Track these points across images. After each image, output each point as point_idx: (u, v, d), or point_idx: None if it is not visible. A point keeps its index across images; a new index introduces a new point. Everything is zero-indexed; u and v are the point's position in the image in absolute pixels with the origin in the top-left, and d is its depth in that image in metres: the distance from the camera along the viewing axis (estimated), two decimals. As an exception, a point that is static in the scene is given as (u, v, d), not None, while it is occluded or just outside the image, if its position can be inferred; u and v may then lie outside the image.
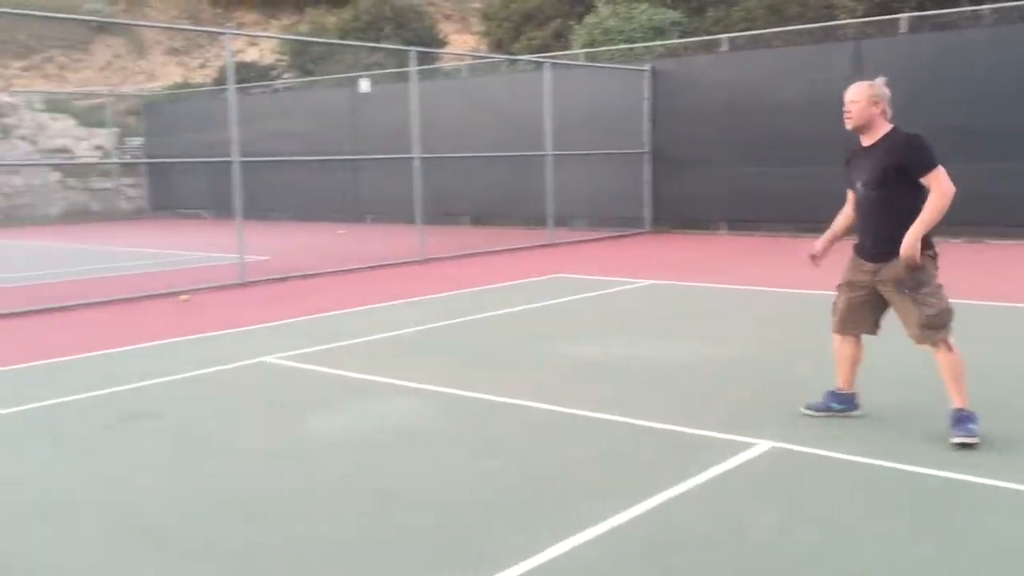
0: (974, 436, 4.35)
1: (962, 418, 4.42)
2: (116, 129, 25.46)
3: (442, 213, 17.05)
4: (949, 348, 4.48)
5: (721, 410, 5.12)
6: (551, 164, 15.14)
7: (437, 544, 3.48)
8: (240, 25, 33.99)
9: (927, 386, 4.99)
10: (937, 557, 3.28)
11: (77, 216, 23.96)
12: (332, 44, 20.41)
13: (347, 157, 18.85)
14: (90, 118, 25.81)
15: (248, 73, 25.81)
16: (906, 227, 4.38)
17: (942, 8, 15.16)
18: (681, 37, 18.54)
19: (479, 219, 18.34)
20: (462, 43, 31.60)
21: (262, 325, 8.21)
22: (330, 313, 8.78)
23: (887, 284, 4.55)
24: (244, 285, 10.73)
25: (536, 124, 15.36)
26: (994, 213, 12.77)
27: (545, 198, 15.16)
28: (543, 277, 10.92)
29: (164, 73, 31.34)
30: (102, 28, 31.32)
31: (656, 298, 9.40)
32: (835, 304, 4.86)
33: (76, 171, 24.53)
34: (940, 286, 4.52)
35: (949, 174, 4.43)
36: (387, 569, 3.28)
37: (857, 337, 4.84)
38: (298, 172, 19.66)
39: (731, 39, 16.38)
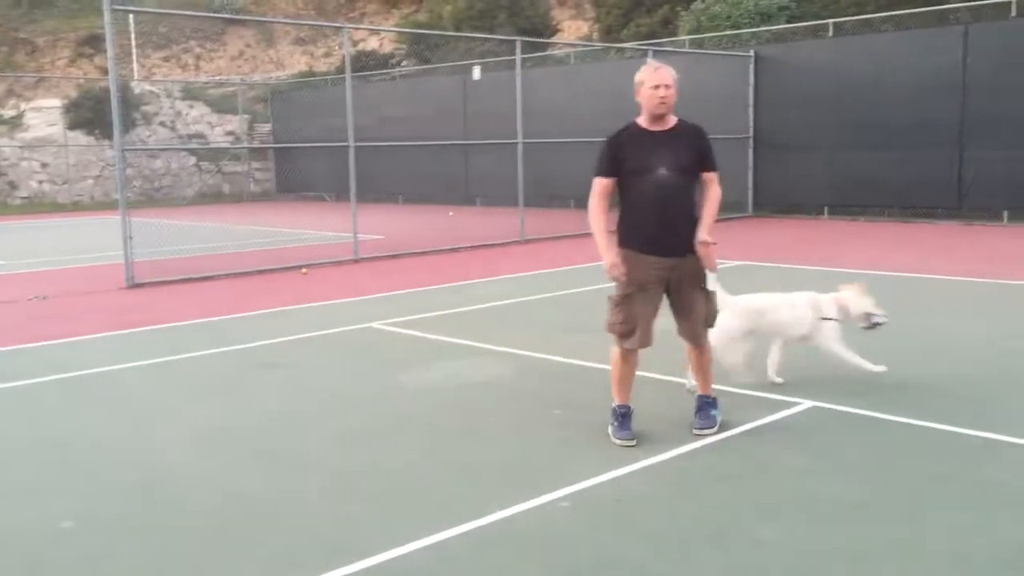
0: (715, 425, 4.52)
1: (707, 404, 4.59)
2: (246, 116, 27.14)
3: (548, 196, 17.68)
4: (708, 344, 4.64)
5: (781, 374, 5.58)
6: (653, 149, 15.53)
7: (512, 468, 4.17)
8: (363, 15, 35.39)
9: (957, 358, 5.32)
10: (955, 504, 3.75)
11: (210, 198, 25.73)
12: (445, 36, 21.41)
13: (456, 142, 19.69)
14: (223, 105, 27.58)
15: (368, 61, 27.04)
16: (695, 219, 4.34)
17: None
18: (789, 22, 18.57)
19: (584, 202, 18.83)
20: (576, 29, 32.05)
21: (371, 296, 9.08)
22: (431, 287, 9.56)
23: (686, 278, 4.35)
24: (358, 261, 11.65)
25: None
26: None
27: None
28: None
29: (291, 62, 33.00)
30: (234, 20, 33.16)
31: (749, 279, 9.78)
32: (619, 317, 4.38)
33: (210, 155, 26.35)
34: None
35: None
36: (466, 486, 3.98)
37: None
38: (413, 156, 20.66)
39: (837, 24, 16.40)
